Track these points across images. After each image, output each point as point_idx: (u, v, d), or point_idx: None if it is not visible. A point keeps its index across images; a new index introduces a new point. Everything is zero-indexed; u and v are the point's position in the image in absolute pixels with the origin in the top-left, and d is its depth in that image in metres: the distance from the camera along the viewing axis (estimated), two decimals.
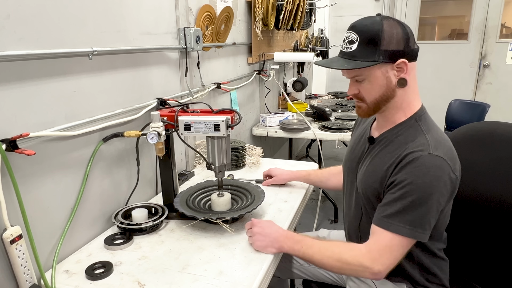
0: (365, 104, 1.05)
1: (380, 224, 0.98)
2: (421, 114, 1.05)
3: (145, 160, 1.45)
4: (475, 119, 3.26)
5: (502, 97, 4.63)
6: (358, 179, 1.13)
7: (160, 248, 1.13)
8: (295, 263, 1.40)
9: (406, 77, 0.99)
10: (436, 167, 0.93)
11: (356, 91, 1.05)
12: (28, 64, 0.95)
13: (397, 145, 1.02)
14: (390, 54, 0.96)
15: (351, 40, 0.99)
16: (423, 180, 0.93)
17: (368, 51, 0.97)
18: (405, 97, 1.03)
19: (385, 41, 0.96)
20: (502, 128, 1.22)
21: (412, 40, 0.99)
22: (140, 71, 1.38)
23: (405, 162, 0.96)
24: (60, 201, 1.08)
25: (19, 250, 0.92)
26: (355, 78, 1.03)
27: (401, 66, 0.98)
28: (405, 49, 0.97)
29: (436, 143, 0.97)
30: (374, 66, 0.97)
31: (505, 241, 1.13)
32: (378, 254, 0.96)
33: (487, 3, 4.47)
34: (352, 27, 1.01)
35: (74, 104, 1.10)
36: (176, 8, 1.56)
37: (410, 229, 0.94)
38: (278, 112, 2.85)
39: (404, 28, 0.98)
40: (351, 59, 0.99)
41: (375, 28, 0.96)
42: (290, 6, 2.48)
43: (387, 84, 1.00)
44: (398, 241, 0.96)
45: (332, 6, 4.38)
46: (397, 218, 0.95)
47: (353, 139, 1.25)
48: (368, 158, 1.11)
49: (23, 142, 0.92)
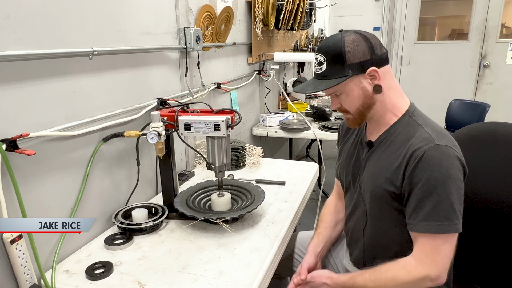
0: (351, 115, 1.08)
1: (419, 230, 0.97)
2: (412, 110, 1.07)
3: (145, 160, 1.45)
4: (475, 119, 3.26)
5: (502, 97, 4.63)
6: (363, 184, 1.12)
7: (160, 248, 1.13)
8: (296, 261, 1.41)
9: (381, 83, 1.02)
10: (446, 156, 0.95)
11: (339, 105, 1.08)
12: (28, 64, 0.95)
13: (399, 144, 1.03)
14: (358, 66, 1.00)
15: (320, 61, 1.04)
16: (440, 171, 0.94)
17: (337, 68, 1.01)
18: (387, 100, 1.05)
19: (349, 55, 0.99)
20: (504, 129, 1.22)
21: (377, 47, 1.02)
22: (140, 71, 1.38)
23: (415, 160, 0.96)
24: (60, 201, 1.08)
25: (19, 250, 0.92)
26: (333, 94, 1.07)
27: (373, 74, 1.01)
28: (371, 57, 1.00)
29: (437, 133, 0.99)
30: (347, 80, 1.00)
31: (506, 241, 1.13)
32: (429, 260, 0.96)
33: (487, 3, 4.47)
34: (318, 49, 1.05)
35: (74, 104, 1.10)
36: (176, 8, 1.56)
37: (448, 224, 0.95)
38: (278, 112, 2.85)
39: (366, 38, 1.01)
40: (323, 79, 1.03)
41: (337, 46, 1.00)
42: (290, 6, 2.48)
43: (364, 93, 1.03)
44: (442, 240, 0.96)
45: (332, 6, 4.38)
46: (432, 217, 0.95)
47: (345, 148, 1.25)
48: (370, 161, 1.11)
49: (23, 142, 0.92)
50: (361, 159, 1.15)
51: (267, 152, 2.94)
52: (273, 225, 1.25)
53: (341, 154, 1.27)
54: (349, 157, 1.21)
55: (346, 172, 1.21)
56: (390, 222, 1.07)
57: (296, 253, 1.42)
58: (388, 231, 1.08)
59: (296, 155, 4.16)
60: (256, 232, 1.21)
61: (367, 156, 1.13)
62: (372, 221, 1.11)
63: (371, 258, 1.14)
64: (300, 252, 1.41)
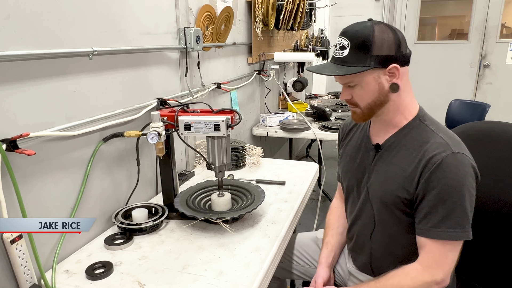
0: (359, 109, 1.05)
1: (430, 235, 0.96)
2: (422, 114, 1.05)
3: (145, 160, 1.45)
4: (475, 119, 3.25)
5: (502, 97, 4.63)
6: (371, 188, 1.09)
7: (160, 248, 1.13)
8: (295, 264, 1.40)
9: (398, 82, 0.99)
10: (462, 164, 0.94)
11: (349, 97, 1.04)
12: (28, 64, 0.95)
13: (412, 149, 1.01)
14: (382, 59, 0.96)
15: (343, 45, 0.99)
16: (456, 179, 0.93)
17: (359, 56, 0.96)
18: (400, 101, 1.03)
19: (376, 46, 0.95)
20: (500, 128, 1.22)
21: (403, 45, 0.99)
22: (140, 71, 1.38)
23: (432, 166, 0.95)
24: (60, 201, 1.08)
25: (19, 250, 0.92)
26: (347, 84, 1.03)
27: (393, 71, 0.98)
28: (396, 54, 0.97)
29: (453, 140, 0.98)
30: (366, 71, 0.97)
31: (503, 240, 1.13)
32: (436, 265, 0.96)
33: (487, 3, 4.47)
34: (343, 32, 1.00)
35: (74, 104, 1.10)
36: (176, 8, 1.56)
37: (460, 231, 0.94)
38: (278, 112, 2.85)
39: (395, 33, 0.98)
40: (343, 64, 0.99)
41: (366, 33, 0.96)
42: (290, 6, 2.48)
43: (380, 89, 1.00)
44: (450, 246, 0.96)
45: (332, 6, 4.38)
46: (444, 224, 0.94)
47: (348, 148, 1.22)
48: (379, 165, 1.08)
49: (23, 142, 0.92)
50: (367, 162, 1.12)
51: (267, 152, 2.94)
52: (273, 225, 1.25)
53: (342, 156, 1.24)
54: (352, 160, 1.18)
55: (350, 176, 1.18)
56: (399, 228, 1.05)
57: (295, 255, 1.41)
58: (396, 236, 1.06)
59: (296, 155, 4.16)
60: (256, 232, 1.21)
61: (375, 160, 1.10)
62: (381, 226, 1.09)
63: (378, 263, 1.12)
64: (299, 254, 1.40)
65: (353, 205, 1.19)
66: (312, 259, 1.37)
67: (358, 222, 1.17)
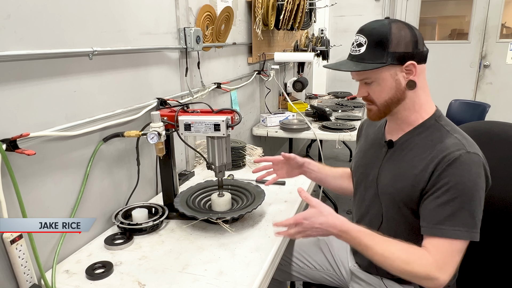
0: (376, 107, 1.05)
1: (435, 233, 0.94)
2: (438, 115, 1.05)
3: (145, 160, 1.45)
4: (475, 119, 3.25)
5: (503, 97, 4.63)
6: (381, 184, 1.09)
7: (160, 248, 1.13)
8: (294, 266, 1.39)
9: (415, 79, 1.00)
10: (475, 164, 0.93)
11: (366, 94, 1.05)
12: (28, 64, 0.95)
13: (424, 148, 1.01)
14: (399, 56, 0.97)
15: (360, 43, 1.00)
16: (468, 178, 0.92)
17: (377, 53, 0.97)
18: (416, 99, 1.03)
19: (393, 43, 0.96)
20: (499, 128, 1.22)
21: (421, 42, 0.99)
22: (140, 71, 1.38)
23: (445, 164, 0.94)
24: (60, 201, 1.08)
25: (19, 250, 0.92)
26: (364, 81, 1.03)
27: (410, 68, 0.98)
28: (413, 51, 0.98)
29: (468, 141, 0.98)
30: (383, 68, 0.98)
31: (505, 240, 1.13)
32: (443, 263, 0.93)
33: (487, 3, 4.47)
34: (360, 30, 1.01)
35: (75, 104, 1.10)
36: (176, 8, 1.56)
37: (466, 231, 0.92)
38: (278, 112, 2.85)
39: (412, 30, 0.99)
40: (360, 61, 1.00)
41: (383, 30, 0.97)
42: (290, 6, 2.48)
43: (396, 86, 1.00)
44: (457, 246, 0.93)
45: (332, 6, 4.38)
46: (451, 222, 0.93)
47: (363, 143, 1.23)
48: (391, 162, 1.08)
49: (23, 142, 0.92)
50: (378, 158, 1.12)
51: (267, 152, 2.94)
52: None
53: (358, 152, 1.25)
54: (364, 156, 1.18)
55: (361, 170, 1.19)
56: (406, 226, 1.05)
57: (295, 256, 1.40)
58: (401, 235, 1.04)
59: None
60: (256, 232, 1.21)
61: (386, 157, 1.10)
62: (387, 223, 1.09)
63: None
64: (299, 255, 1.39)
65: (361, 201, 1.19)
66: (312, 260, 1.37)
67: (365, 219, 1.16)
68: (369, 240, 0.97)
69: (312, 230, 1.00)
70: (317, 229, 1.00)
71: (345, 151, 4.40)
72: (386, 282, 1.15)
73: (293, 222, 1.01)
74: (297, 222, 1.01)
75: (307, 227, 1.00)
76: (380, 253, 0.96)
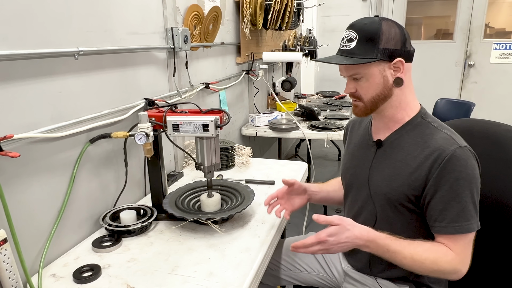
0: (362, 103, 1.06)
1: (451, 231, 0.97)
2: (424, 112, 1.07)
3: (133, 161, 1.43)
4: (461, 117, 3.29)
5: (487, 96, 4.71)
6: (373, 185, 1.10)
7: (149, 249, 1.12)
8: (284, 270, 1.37)
9: (403, 77, 1.02)
10: (469, 157, 0.97)
11: (353, 90, 1.06)
12: (12, 64, 0.93)
13: (415, 146, 1.02)
14: (388, 52, 0.99)
15: (350, 38, 1.01)
16: (466, 172, 0.95)
17: (367, 48, 0.99)
18: (402, 97, 1.05)
19: (383, 39, 0.98)
20: (480, 125, 1.24)
21: (408, 41, 1.02)
22: (127, 71, 1.37)
23: (442, 161, 0.96)
24: (46, 204, 1.06)
25: (4, 254, 0.90)
26: (352, 76, 1.04)
27: (398, 65, 1.00)
28: (402, 49, 1.00)
29: (456, 136, 1.01)
30: (372, 64, 0.99)
31: (487, 235, 1.14)
32: (464, 255, 0.98)
33: (471, 3, 4.55)
34: (351, 26, 1.03)
35: (60, 105, 1.08)
36: (164, 7, 1.55)
37: (475, 222, 0.97)
38: (267, 112, 2.85)
39: (401, 29, 1.01)
40: (350, 56, 1.01)
41: (374, 27, 0.99)
42: (278, 6, 2.49)
43: (384, 82, 1.02)
44: (470, 237, 0.98)
45: (320, 6, 4.40)
46: (463, 218, 0.96)
47: (351, 146, 1.23)
48: (382, 162, 1.09)
49: (7, 144, 0.91)
50: (367, 159, 1.13)
51: (256, 152, 2.94)
52: (262, 225, 1.25)
53: (346, 155, 1.25)
54: (353, 158, 1.19)
55: (350, 172, 1.19)
56: (402, 224, 1.06)
57: (284, 259, 1.38)
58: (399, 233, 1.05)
59: (285, 155, 4.17)
60: (246, 232, 1.21)
61: (376, 157, 1.11)
62: (382, 223, 1.09)
63: (378, 261, 1.09)
64: (288, 259, 1.37)
65: (353, 202, 1.19)
66: (303, 262, 1.36)
67: (358, 220, 1.15)
68: (397, 246, 0.98)
69: (338, 246, 0.97)
70: (343, 244, 0.97)
71: (333, 150, 4.43)
72: (381, 282, 1.16)
73: (315, 241, 0.96)
74: (321, 240, 0.96)
75: (333, 243, 0.97)
76: (410, 257, 0.98)
